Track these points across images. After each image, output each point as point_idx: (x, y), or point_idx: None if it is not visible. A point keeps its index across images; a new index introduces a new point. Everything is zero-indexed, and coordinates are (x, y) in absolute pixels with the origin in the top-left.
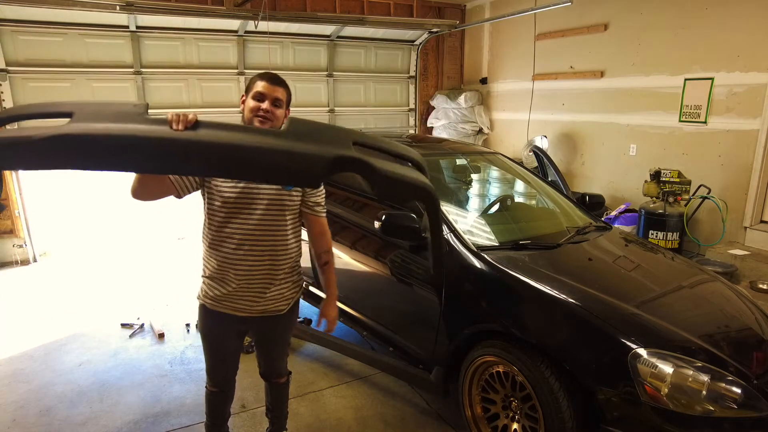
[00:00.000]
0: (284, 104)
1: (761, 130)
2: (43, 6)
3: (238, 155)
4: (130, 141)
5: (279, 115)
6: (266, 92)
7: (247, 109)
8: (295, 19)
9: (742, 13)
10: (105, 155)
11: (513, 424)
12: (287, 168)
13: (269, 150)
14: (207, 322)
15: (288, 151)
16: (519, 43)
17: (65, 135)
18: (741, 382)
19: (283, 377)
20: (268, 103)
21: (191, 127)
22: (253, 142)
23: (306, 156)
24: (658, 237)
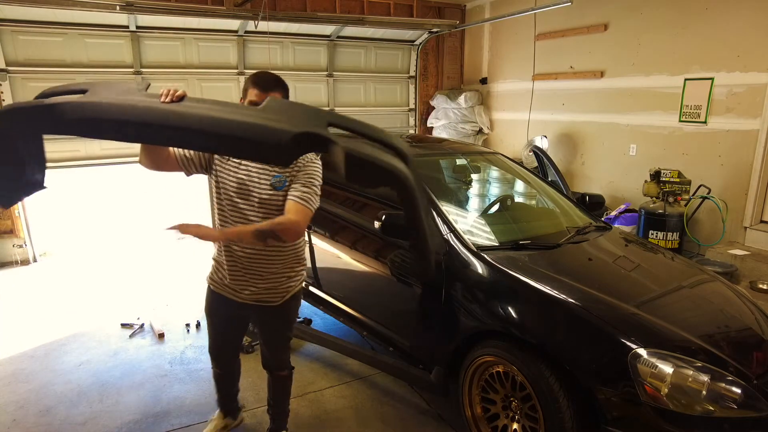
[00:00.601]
0: None
1: (761, 130)
2: (43, 6)
3: (207, 126)
4: (125, 109)
5: None
6: (259, 101)
7: None
8: (295, 19)
9: (742, 13)
10: (106, 122)
11: (513, 424)
12: (251, 140)
13: (237, 123)
14: (210, 302)
15: (254, 123)
16: (519, 43)
17: (78, 103)
18: (741, 382)
19: (285, 371)
20: None
21: (177, 101)
22: (225, 114)
23: (270, 129)
24: (658, 237)
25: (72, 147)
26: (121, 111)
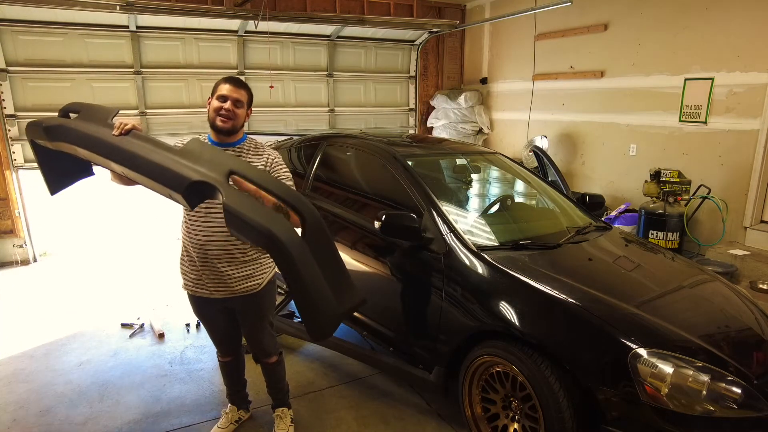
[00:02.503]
0: (245, 105)
1: (761, 130)
2: (43, 6)
3: (131, 162)
4: (87, 137)
5: (240, 114)
6: (228, 94)
7: (211, 108)
8: (295, 19)
9: (742, 13)
10: (79, 145)
11: (513, 424)
12: (161, 182)
13: (153, 163)
14: (195, 307)
15: (162, 166)
16: (519, 43)
17: (59, 126)
18: (741, 382)
19: (273, 356)
20: (230, 103)
21: (125, 134)
22: (146, 154)
23: (170, 174)
24: (658, 237)
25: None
26: (85, 136)
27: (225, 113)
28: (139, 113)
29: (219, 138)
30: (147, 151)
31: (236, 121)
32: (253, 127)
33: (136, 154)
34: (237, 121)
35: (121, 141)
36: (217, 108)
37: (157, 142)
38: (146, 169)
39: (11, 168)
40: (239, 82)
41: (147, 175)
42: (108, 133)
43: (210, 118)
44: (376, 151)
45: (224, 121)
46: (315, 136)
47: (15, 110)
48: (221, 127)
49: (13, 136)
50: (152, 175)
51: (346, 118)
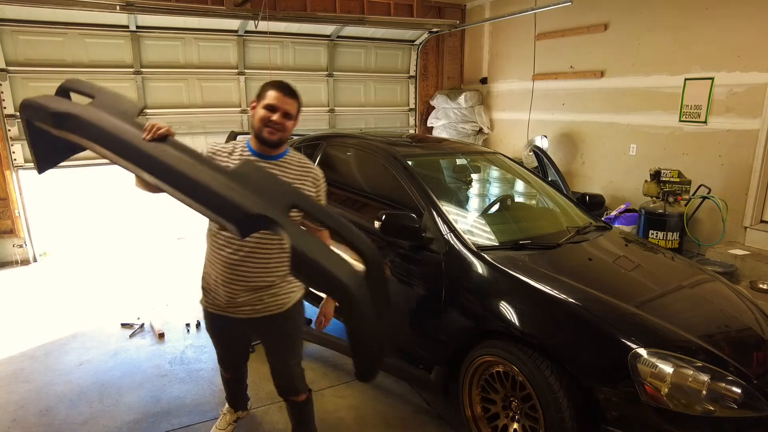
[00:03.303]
0: (294, 117)
1: (761, 130)
2: (43, 6)
3: (171, 177)
4: (109, 136)
5: (288, 127)
6: (278, 104)
7: (257, 117)
8: (295, 19)
9: (742, 13)
10: (95, 141)
11: (513, 424)
12: (209, 207)
13: (201, 185)
14: (210, 325)
15: (215, 191)
16: (519, 43)
17: (73, 116)
18: (741, 382)
19: (302, 394)
20: (279, 116)
21: (159, 139)
22: (191, 172)
23: (225, 201)
24: (658, 237)
25: None
26: (106, 134)
27: (273, 126)
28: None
29: (261, 149)
30: (191, 168)
31: (284, 134)
32: None
33: (179, 171)
34: (285, 134)
35: (156, 149)
36: (264, 118)
37: (199, 156)
38: (192, 190)
39: (11, 168)
40: (289, 90)
41: (192, 196)
42: (137, 136)
43: (255, 127)
44: (376, 151)
45: (272, 133)
46: (315, 136)
47: (15, 110)
48: (268, 139)
49: (13, 135)
50: (200, 198)
51: (346, 118)
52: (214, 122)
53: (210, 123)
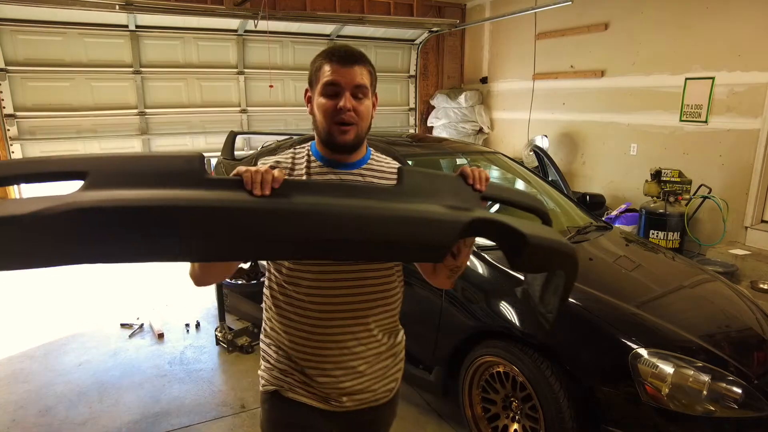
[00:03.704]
0: (370, 92)
1: (762, 130)
2: (42, 5)
3: (351, 231)
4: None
5: (365, 113)
6: (341, 80)
7: (320, 111)
8: (295, 19)
9: (742, 12)
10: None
11: (513, 425)
12: (409, 241)
13: (392, 218)
14: (274, 418)
15: (410, 217)
16: (519, 42)
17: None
18: (742, 382)
19: None
20: (348, 98)
21: (280, 191)
22: (367, 208)
23: (432, 222)
24: (658, 237)
25: (71, 147)
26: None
27: (345, 117)
28: (139, 113)
29: (334, 155)
30: (355, 206)
31: (361, 126)
32: (253, 127)
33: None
34: (362, 124)
35: (291, 204)
36: (329, 109)
37: (335, 185)
38: (383, 232)
39: None
40: (351, 54)
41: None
42: (242, 199)
43: (321, 129)
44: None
45: (344, 132)
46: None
47: (14, 110)
48: (343, 141)
49: (12, 135)
50: (398, 236)
51: None
52: (213, 122)
53: (209, 123)
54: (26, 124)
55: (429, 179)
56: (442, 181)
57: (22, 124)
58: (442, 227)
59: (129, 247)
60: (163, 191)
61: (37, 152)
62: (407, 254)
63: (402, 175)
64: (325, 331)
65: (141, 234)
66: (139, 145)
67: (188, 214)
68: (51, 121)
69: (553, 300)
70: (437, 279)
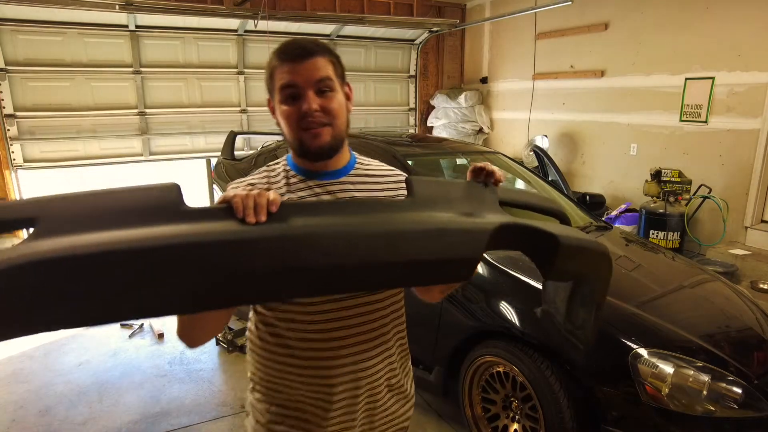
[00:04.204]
0: (337, 82)
1: (762, 130)
2: (42, 5)
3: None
4: (170, 256)
5: (337, 108)
6: (298, 79)
7: (284, 120)
8: (295, 19)
9: (742, 12)
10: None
11: (513, 425)
12: (439, 257)
13: (417, 233)
14: None
15: (435, 230)
16: (519, 42)
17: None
18: (742, 382)
19: None
20: (311, 98)
21: (276, 216)
22: (388, 224)
23: (458, 233)
24: (658, 237)
25: (71, 147)
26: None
27: (313, 121)
28: (139, 113)
29: (312, 165)
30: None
31: (336, 125)
32: (253, 127)
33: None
34: (336, 122)
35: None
36: (292, 116)
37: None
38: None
39: (10, 168)
40: (304, 48)
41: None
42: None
43: (290, 139)
44: (376, 150)
45: (317, 135)
46: None
47: (14, 110)
48: (318, 146)
49: (12, 135)
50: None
51: None
52: (213, 122)
53: (209, 123)
54: (26, 124)
55: (441, 187)
56: (456, 188)
57: (22, 124)
58: (469, 238)
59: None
60: (132, 231)
61: (37, 152)
62: (437, 273)
63: (412, 186)
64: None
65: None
66: (139, 145)
67: (168, 255)
68: (51, 121)
69: (582, 313)
70: (430, 294)
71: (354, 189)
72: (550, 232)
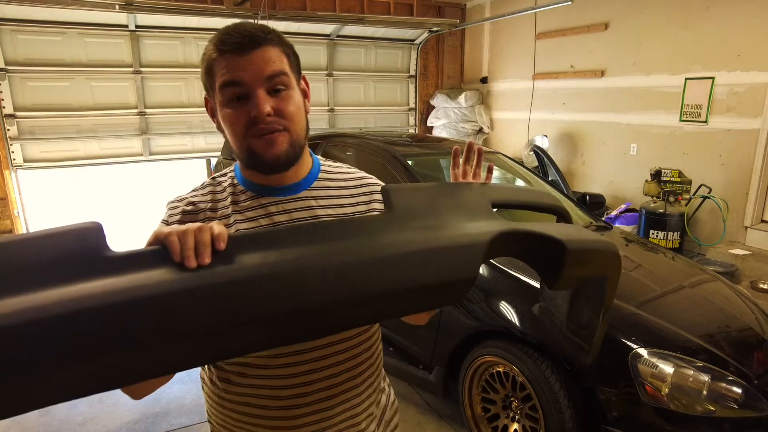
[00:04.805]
0: (293, 78)
1: (762, 130)
2: (42, 5)
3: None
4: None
5: (294, 111)
6: (243, 75)
7: (228, 127)
8: (295, 18)
9: (742, 12)
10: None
11: (513, 425)
12: (429, 282)
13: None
14: None
15: (423, 250)
16: (519, 42)
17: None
18: (742, 382)
19: None
20: (262, 99)
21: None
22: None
23: (449, 250)
24: (658, 237)
25: (71, 146)
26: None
27: (266, 127)
28: (138, 113)
29: (271, 179)
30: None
31: (294, 129)
32: None
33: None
34: (294, 127)
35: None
36: (241, 121)
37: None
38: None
39: (10, 168)
40: (247, 34)
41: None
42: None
43: (237, 149)
44: (376, 150)
45: (271, 142)
46: (314, 136)
47: (14, 110)
48: (274, 156)
49: (12, 135)
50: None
51: (346, 117)
52: None
53: (209, 123)
54: (26, 124)
55: (422, 194)
56: (439, 193)
57: (21, 124)
58: (462, 256)
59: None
60: (34, 295)
61: (37, 152)
62: (424, 301)
63: (389, 197)
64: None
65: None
66: (139, 145)
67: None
68: (51, 121)
69: (586, 313)
70: (416, 318)
71: (317, 206)
72: (556, 237)
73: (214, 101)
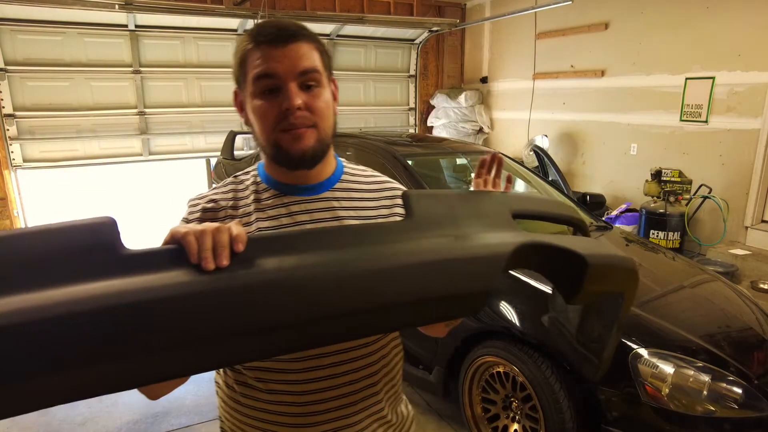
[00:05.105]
0: (325, 76)
1: (762, 130)
2: (42, 5)
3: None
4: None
5: (324, 108)
6: (278, 68)
7: (258, 119)
8: (295, 18)
9: (743, 12)
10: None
11: (513, 425)
12: (448, 292)
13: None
14: None
15: (443, 260)
16: (519, 42)
17: None
18: (742, 382)
19: None
20: (294, 92)
21: (241, 258)
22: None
23: (469, 261)
24: (659, 237)
25: (70, 146)
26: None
27: (296, 121)
28: (138, 113)
29: (295, 177)
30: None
31: (322, 126)
32: None
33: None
34: (323, 124)
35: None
36: (272, 113)
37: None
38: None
39: (10, 168)
40: (284, 28)
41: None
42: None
43: (265, 143)
44: (376, 150)
45: (299, 137)
46: None
47: (14, 110)
48: (300, 151)
49: (11, 135)
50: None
51: (346, 117)
52: (213, 122)
53: (209, 123)
54: (26, 123)
55: (444, 202)
56: (460, 201)
57: (21, 124)
58: (483, 265)
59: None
60: (47, 292)
61: (37, 152)
62: (443, 311)
63: (410, 203)
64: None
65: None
66: (138, 145)
67: (96, 324)
68: (50, 121)
69: (598, 327)
70: (434, 329)
71: (339, 207)
72: (578, 252)
73: (243, 94)
